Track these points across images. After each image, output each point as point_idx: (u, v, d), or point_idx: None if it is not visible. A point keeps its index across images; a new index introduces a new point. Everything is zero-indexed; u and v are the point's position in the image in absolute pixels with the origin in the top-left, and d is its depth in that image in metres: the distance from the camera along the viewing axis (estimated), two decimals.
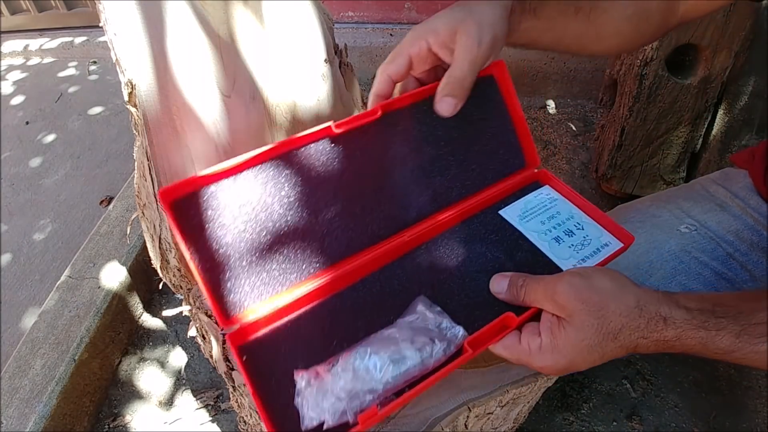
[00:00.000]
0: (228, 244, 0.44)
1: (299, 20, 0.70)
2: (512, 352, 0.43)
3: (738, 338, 0.37)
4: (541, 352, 0.41)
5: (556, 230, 0.53)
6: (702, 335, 0.38)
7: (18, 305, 1.30)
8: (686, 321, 0.38)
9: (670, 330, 0.39)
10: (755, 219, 0.63)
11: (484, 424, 0.53)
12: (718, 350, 0.38)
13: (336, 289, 0.50)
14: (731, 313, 0.38)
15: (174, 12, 0.50)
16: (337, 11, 1.94)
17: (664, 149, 1.19)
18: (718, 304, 0.39)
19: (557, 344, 0.41)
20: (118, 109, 1.99)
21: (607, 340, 0.40)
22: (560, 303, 0.41)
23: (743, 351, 0.37)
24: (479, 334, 0.43)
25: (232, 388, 0.53)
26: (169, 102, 0.51)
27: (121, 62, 0.46)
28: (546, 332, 0.42)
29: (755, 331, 0.37)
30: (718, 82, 1.05)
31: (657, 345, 0.40)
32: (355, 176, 0.50)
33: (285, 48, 0.68)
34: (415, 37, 0.47)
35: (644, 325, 0.39)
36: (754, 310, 0.38)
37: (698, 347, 0.39)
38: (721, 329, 0.38)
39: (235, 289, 0.45)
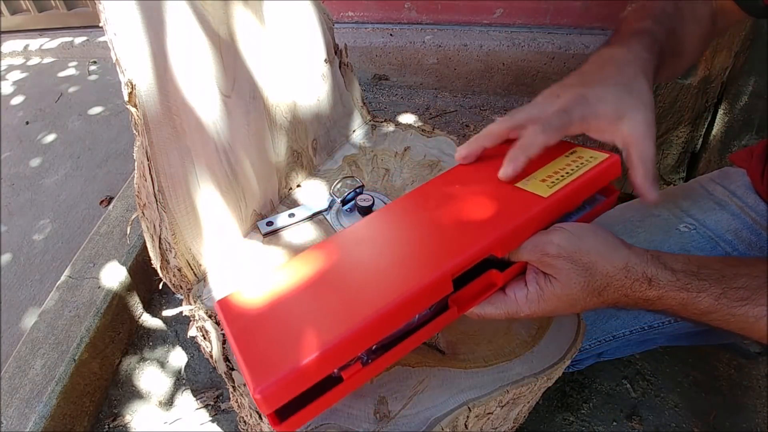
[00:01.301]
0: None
1: (299, 20, 0.70)
2: (499, 306, 0.44)
3: (717, 300, 0.39)
4: (528, 301, 0.43)
5: None
6: (683, 296, 0.39)
7: (18, 305, 1.30)
8: (670, 282, 0.40)
9: (653, 290, 0.40)
10: (753, 218, 0.63)
11: (484, 424, 0.53)
12: (696, 311, 0.39)
13: None
14: (714, 276, 0.39)
15: (174, 12, 0.50)
16: (337, 11, 1.95)
17: (664, 149, 1.19)
18: (703, 266, 0.40)
19: (543, 295, 0.43)
20: (118, 109, 1.99)
21: (591, 296, 0.42)
22: (548, 262, 0.42)
23: (721, 312, 0.39)
24: (464, 290, 0.43)
25: (232, 388, 0.53)
26: (169, 102, 0.51)
27: (121, 62, 0.46)
28: (533, 284, 0.43)
29: (735, 294, 0.38)
30: (718, 82, 1.05)
31: (638, 303, 0.41)
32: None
33: (285, 48, 0.68)
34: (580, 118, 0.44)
35: (629, 285, 0.40)
36: (737, 276, 0.39)
37: (678, 307, 0.40)
38: (702, 291, 0.39)
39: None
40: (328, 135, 0.80)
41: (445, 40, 1.80)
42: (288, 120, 0.71)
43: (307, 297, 0.43)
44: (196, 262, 0.60)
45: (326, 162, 0.80)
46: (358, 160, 0.79)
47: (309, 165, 0.77)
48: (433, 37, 1.82)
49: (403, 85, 1.96)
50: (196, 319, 0.58)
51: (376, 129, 0.87)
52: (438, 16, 1.86)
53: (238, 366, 0.42)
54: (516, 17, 1.79)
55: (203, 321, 0.57)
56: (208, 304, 0.59)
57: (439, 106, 1.85)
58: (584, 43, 1.69)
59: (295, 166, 0.74)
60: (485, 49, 1.76)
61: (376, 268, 0.44)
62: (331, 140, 0.81)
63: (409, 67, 1.90)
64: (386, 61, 1.91)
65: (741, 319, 0.38)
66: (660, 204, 0.69)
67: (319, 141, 0.78)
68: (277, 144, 0.69)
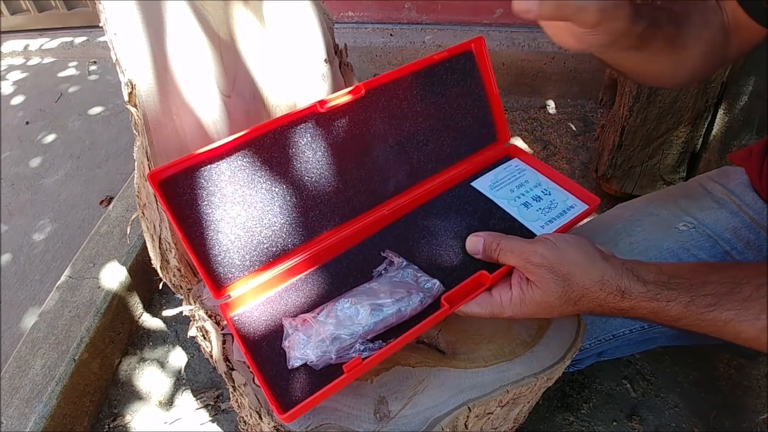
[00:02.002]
0: (216, 221, 0.46)
1: (299, 20, 0.70)
2: (484, 306, 0.48)
3: (686, 308, 0.41)
4: (511, 304, 0.47)
5: (524, 197, 0.57)
6: (653, 306, 0.42)
7: (18, 305, 1.30)
8: (641, 294, 0.42)
9: (626, 301, 0.43)
10: (752, 217, 0.63)
11: (484, 424, 0.53)
12: (668, 317, 0.42)
13: (321, 261, 0.53)
14: (684, 285, 0.42)
15: (174, 12, 0.50)
16: (337, 11, 1.95)
17: (664, 149, 1.19)
18: (674, 276, 0.43)
19: (524, 299, 0.46)
20: (118, 109, 1.99)
21: (567, 304, 0.45)
22: (531, 270, 0.45)
23: (691, 318, 0.41)
24: (456, 289, 0.47)
25: (232, 388, 0.53)
26: (169, 102, 0.51)
27: (121, 62, 0.46)
28: (516, 288, 0.47)
29: (703, 301, 0.41)
30: (718, 82, 1.05)
31: (612, 312, 0.44)
32: (338, 152, 0.52)
33: (285, 48, 0.68)
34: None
35: (603, 297, 0.44)
36: (705, 283, 0.41)
37: (650, 315, 0.43)
38: (672, 300, 0.42)
39: (225, 262, 0.47)
40: None
41: (445, 40, 1.80)
42: None
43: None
44: None
45: None
46: None
47: None
48: (433, 37, 1.82)
49: None
50: (196, 319, 0.58)
51: None
52: (438, 16, 1.86)
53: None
54: (516, 17, 1.79)
55: (203, 321, 0.57)
56: (208, 304, 0.59)
57: None
58: None
59: None
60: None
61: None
62: None
63: None
64: (386, 61, 1.91)
65: (711, 323, 0.40)
66: (660, 205, 0.69)
67: None
68: None
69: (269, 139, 0.48)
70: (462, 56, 0.56)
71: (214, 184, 0.46)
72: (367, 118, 0.52)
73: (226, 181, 0.46)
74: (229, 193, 0.47)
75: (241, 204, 0.47)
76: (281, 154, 0.49)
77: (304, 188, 0.51)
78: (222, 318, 0.48)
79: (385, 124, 0.53)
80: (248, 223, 0.48)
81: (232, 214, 0.47)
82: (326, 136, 0.50)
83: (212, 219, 0.46)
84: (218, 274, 0.47)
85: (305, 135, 0.49)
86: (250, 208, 0.48)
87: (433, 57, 0.54)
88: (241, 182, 0.47)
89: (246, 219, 0.48)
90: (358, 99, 0.51)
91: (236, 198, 0.47)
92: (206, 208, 0.46)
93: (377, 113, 0.53)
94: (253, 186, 0.48)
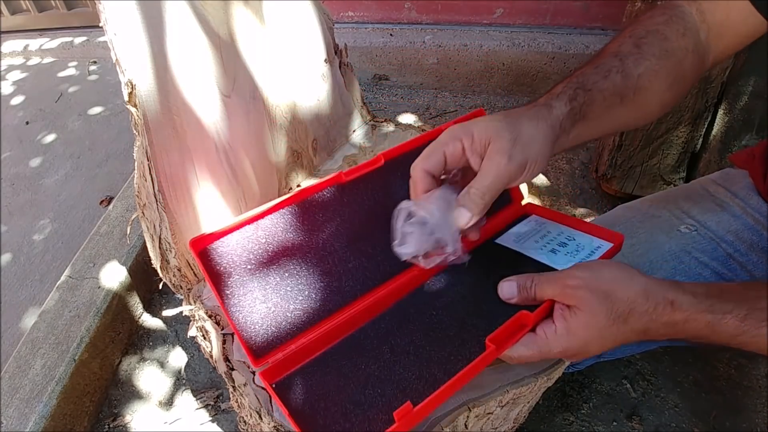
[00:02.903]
0: (254, 288, 0.47)
1: (299, 20, 0.70)
2: (530, 346, 0.45)
3: (743, 322, 0.39)
4: (557, 337, 0.44)
5: (550, 244, 0.57)
6: (709, 318, 0.40)
7: (18, 305, 1.30)
8: (693, 305, 0.40)
9: (678, 313, 0.40)
10: (755, 219, 0.63)
11: (484, 424, 0.53)
12: (724, 333, 0.40)
13: (357, 324, 0.53)
14: (737, 299, 0.40)
15: (174, 12, 0.50)
16: (337, 11, 1.95)
17: (664, 149, 1.19)
18: (725, 290, 0.41)
19: (570, 328, 0.43)
20: (118, 109, 1.99)
21: (617, 323, 0.42)
22: (570, 293, 0.43)
23: (748, 334, 0.39)
24: (499, 331, 0.45)
25: (232, 388, 0.53)
26: (169, 102, 0.51)
27: (121, 62, 0.46)
28: (559, 319, 0.44)
29: (760, 315, 0.39)
30: (718, 82, 1.05)
31: (667, 328, 0.42)
32: (364, 218, 0.53)
33: (285, 48, 0.68)
34: (451, 137, 0.46)
35: (652, 309, 0.41)
36: (758, 297, 0.40)
37: (706, 330, 0.40)
38: (727, 313, 0.39)
39: (263, 329, 0.48)
40: (328, 135, 0.80)
41: (445, 40, 1.80)
42: (288, 120, 0.71)
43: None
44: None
45: (326, 162, 0.80)
46: (358, 160, 0.79)
47: (309, 165, 0.77)
48: (433, 37, 1.82)
49: (403, 85, 1.96)
50: (196, 319, 0.58)
51: (376, 129, 0.87)
52: (438, 16, 1.86)
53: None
54: (516, 17, 1.79)
55: (203, 321, 0.56)
56: (208, 304, 0.59)
57: (439, 106, 1.85)
58: (584, 43, 1.69)
59: (295, 166, 0.74)
60: (485, 49, 1.76)
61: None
62: (331, 140, 0.81)
63: (409, 67, 1.90)
64: (386, 61, 1.91)
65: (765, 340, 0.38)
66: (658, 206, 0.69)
67: (319, 141, 0.78)
68: (277, 144, 0.69)
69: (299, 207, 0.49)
70: None
71: (252, 251, 0.47)
72: (389, 185, 0.54)
73: (263, 249, 0.47)
74: (265, 260, 0.48)
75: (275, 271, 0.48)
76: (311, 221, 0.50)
77: (336, 254, 0.52)
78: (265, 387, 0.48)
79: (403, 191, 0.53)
80: (284, 290, 0.49)
81: (268, 282, 0.48)
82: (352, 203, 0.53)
83: (249, 287, 0.47)
84: (257, 342, 0.48)
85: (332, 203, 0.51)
86: (285, 275, 0.49)
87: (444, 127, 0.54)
88: (274, 249, 0.48)
89: (282, 286, 0.49)
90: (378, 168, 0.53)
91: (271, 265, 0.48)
92: (243, 276, 0.47)
93: (398, 180, 0.54)
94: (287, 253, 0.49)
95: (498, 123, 0.45)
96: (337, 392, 0.47)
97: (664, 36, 0.53)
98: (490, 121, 0.45)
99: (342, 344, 0.52)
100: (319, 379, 0.49)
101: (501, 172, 0.44)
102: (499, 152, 0.44)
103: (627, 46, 0.52)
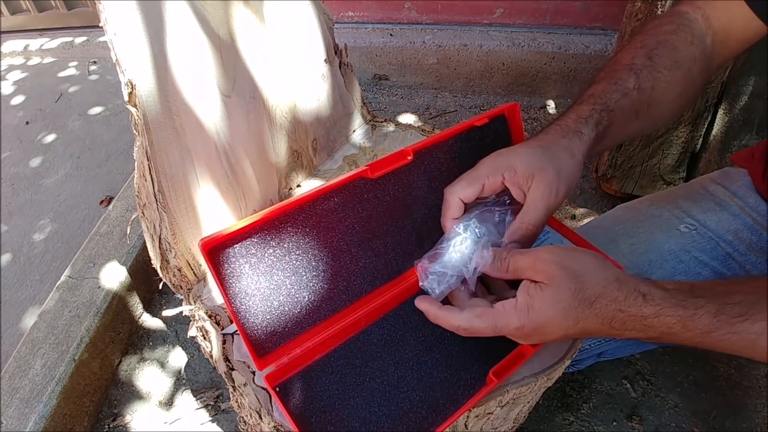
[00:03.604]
0: (262, 290, 0.46)
1: (299, 20, 0.70)
2: (485, 319, 0.43)
3: (716, 317, 0.37)
4: (517, 312, 0.42)
5: None
6: (681, 313, 0.38)
7: (18, 305, 1.30)
8: (664, 299, 0.39)
9: (649, 306, 0.39)
10: (754, 219, 0.63)
11: (484, 424, 0.53)
12: (696, 329, 0.38)
13: (362, 325, 0.53)
14: (708, 294, 0.39)
15: (174, 12, 0.50)
16: (337, 11, 1.94)
17: (664, 149, 1.19)
18: (695, 286, 0.40)
19: (532, 304, 0.41)
20: (118, 109, 1.99)
21: (582, 306, 0.40)
22: (541, 268, 0.42)
23: (722, 330, 0.37)
24: (501, 364, 0.48)
25: (232, 388, 0.53)
26: (169, 102, 0.51)
27: (121, 62, 0.46)
28: (522, 293, 0.42)
29: (732, 310, 0.37)
30: (718, 82, 1.05)
31: (635, 321, 0.40)
32: (379, 216, 0.52)
33: (285, 48, 0.68)
34: (493, 169, 0.48)
35: (622, 298, 0.40)
36: (730, 292, 0.39)
37: (677, 326, 0.39)
38: (700, 308, 0.38)
39: (268, 331, 0.47)
40: (328, 135, 0.80)
41: (445, 40, 1.80)
42: (288, 120, 0.71)
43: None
44: (196, 262, 0.60)
45: (326, 162, 0.80)
46: (358, 160, 0.80)
47: (309, 165, 0.77)
48: (433, 37, 1.82)
49: (403, 85, 1.96)
50: (196, 319, 0.58)
51: (376, 129, 0.87)
52: (438, 16, 1.86)
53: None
54: (516, 17, 1.79)
55: (203, 321, 0.56)
56: (208, 304, 0.59)
57: (439, 106, 1.85)
58: (584, 43, 1.69)
59: (295, 166, 0.74)
60: (485, 49, 1.77)
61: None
62: (331, 140, 0.81)
63: (409, 67, 1.90)
64: (386, 61, 1.91)
65: (742, 336, 0.37)
66: (662, 209, 0.69)
67: (319, 141, 0.78)
68: (277, 144, 0.69)
69: (315, 204, 0.47)
70: (496, 119, 0.57)
71: (263, 251, 0.45)
72: (411, 182, 0.53)
73: (273, 249, 0.46)
74: (274, 259, 0.46)
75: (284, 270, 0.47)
76: (324, 220, 0.48)
77: (345, 252, 0.51)
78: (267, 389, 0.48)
79: (425, 187, 0.54)
80: (292, 290, 0.48)
81: (275, 282, 0.47)
82: (371, 201, 0.51)
83: (257, 287, 0.46)
84: (261, 344, 0.47)
85: (351, 200, 0.49)
86: (293, 275, 0.48)
87: (472, 121, 0.54)
88: (289, 250, 0.47)
89: (289, 285, 0.48)
90: (405, 163, 0.51)
91: (280, 264, 0.47)
92: (252, 277, 0.45)
93: (420, 176, 0.53)
94: (297, 251, 0.48)
95: (540, 157, 0.47)
96: (342, 405, 0.47)
97: (673, 46, 0.54)
98: (532, 155, 0.47)
99: (346, 347, 0.52)
100: (324, 387, 0.48)
101: (550, 206, 0.46)
102: (547, 186, 0.46)
103: (640, 58, 0.53)
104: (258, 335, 0.47)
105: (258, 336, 0.47)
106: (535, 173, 0.46)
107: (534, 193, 0.46)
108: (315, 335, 0.50)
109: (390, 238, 0.53)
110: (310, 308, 0.49)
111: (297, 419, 0.45)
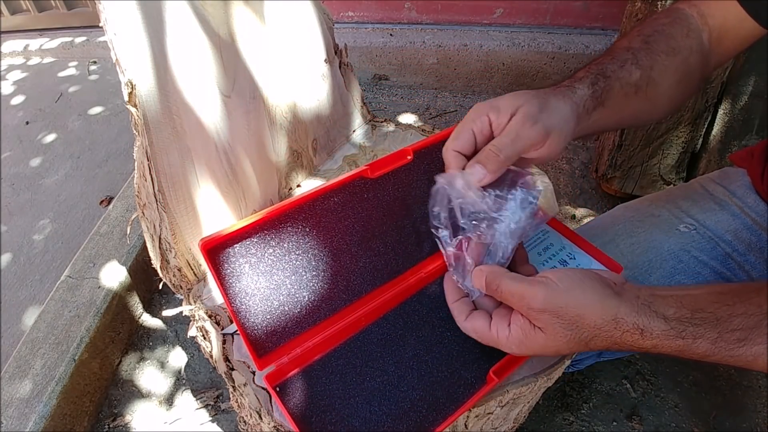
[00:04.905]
0: (262, 290, 0.46)
1: (299, 20, 0.70)
2: (481, 336, 0.46)
3: (714, 344, 0.38)
4: (509, 342, 0.44)
5: (552, 260, 0.58)
6: (679, 343, 0.39)
7: (18, 305, 1.30)
8: (664, 332, 0.39)
9: (647, 340, 0.39)
10: (753, 219, 0.63)
11: (484, 424, 0.53)
12: (694, 355, 0.39)
13: (362, 324, 0.53)
14: (709, 320, 0.39)
15: (174, 12, 0.50)
16: (337, 11, 1.94)
17: (664, 149, 1.19)
18: (697, 310, 0.39)
19: (525, 342, 0.43)
20: (118, 109, 1.99)
21: (578, 345, 0.41)
22: (534, 316, 0.41)
23: (719, 355, 0.38)
24: (501, 363, 0.48)
25: (232, 388, 0.53)
26: (169, 102, 0.51)
27: (121, 62, 0.46)
28: (516, 328, 0.43)
29: (731, 336, 0.38)
30: (718, 82, 1.05)
31: (631, 349, 0.41)
32: (379, 216, 0.52)
33: (285, 48, 0.68)
34: (478, 113, 0.46)
35: (618, 336, 0.40)
36: (732, 316, 0.38)
37: (675, 353, 0.39)
38: (698, 337, 0.38)
39: (268, 330, 0.47)
40: (328, 135, 0.80)
41: (445, 40, 1.80)
42: (288, 120, 0.71)
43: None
44: (196, 262, 0.60)
45: (326, 162, 0.80)
46: (358, 160, 0.80)
47: (309, 165, 0.77)
48: (433, 37, 1.82)
49: (403, 85, 1.96)
50: (196, 319, 0.58)
51: (376, 129, 0.87)
52: (438, 16, 1.86)
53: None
54: (516, 17, 1.79)
55: (203, 321, 0.56)
56: (208, 304, 0.59)
57: (439, 106, 1.85)
58: (584, 43, 1.69)
59: (295, 166, 0.74)
60: (485, 49, 1.77)
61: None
62: (331, 140, 0.81)
63: (409, 67, 1.90)
64: (386, 61, 1.91)
65: (740, 359, 0.38)
66: (661, 205, 0.69)
67: (319, 141, 0.78)
68: (277, 144, 0.69)
69: (315, 203, 0.47)
70: None
71: (263, 251, 0.45)
72: (410, 182, 0.53)
73: (274, 249, 0.46)
74: (276, 260, 0.46)
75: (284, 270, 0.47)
76: (324, 220, 0.48)
77: (345, 252, 0.50)
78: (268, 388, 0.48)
79: (425, 187, 0.53)
80: (291, 290, 0.48)
81: (275, 281, 0.47)
82: (371, 200, 0.51)
83: (257, 287, 0.46)
84: (261, 343, 0.47)
85: (351, 199, 0.49)
86: (293, 275, 0.48)
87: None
88: (288, 250, 0.47)
89: (289, 285, 0.48)
90: (405, 163, 0.51)
91: (283, 266, 0.47)
92: (252, 276, 0.45)
93: (419, 176, 0.53)
94: (301, 253, 0.47)
95: (524, 94, 0.46)
96: (342, 405, 0.47)
97: (669, 35, 0.54)
98: (517, 95, 0.46)
99: (346, 347, 0.52)
100: (324, 387, 0.48)
101: (523, 133, 0.44)
102: (524, 115, 0.44)
103: (636, 42, 0.53)
104: (258, 335, 0.47)
105: (258, 336, 0.47)
106: (519, 107, 0.45)
107: (512, 122, 0.44)
108: (315, 335, 0.50)
109: (390, 237, 0.53)
110: (310, 308, 0.49)
111: (297, 419, 0.45)
